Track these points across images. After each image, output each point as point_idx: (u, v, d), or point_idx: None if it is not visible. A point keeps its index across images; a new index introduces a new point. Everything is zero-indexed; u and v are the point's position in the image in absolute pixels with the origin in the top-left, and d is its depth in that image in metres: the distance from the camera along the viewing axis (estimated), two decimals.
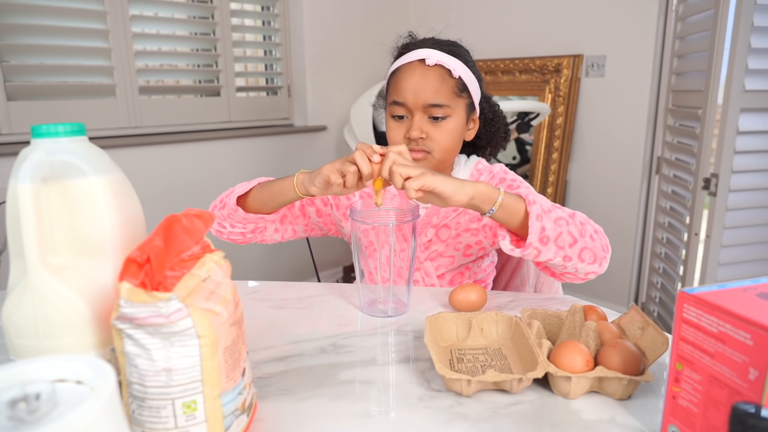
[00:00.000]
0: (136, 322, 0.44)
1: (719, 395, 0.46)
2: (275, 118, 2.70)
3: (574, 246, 0.82)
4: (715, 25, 1.78)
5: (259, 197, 0.96)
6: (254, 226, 0.99)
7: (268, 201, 0.96)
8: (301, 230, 1.08)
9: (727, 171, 1.81)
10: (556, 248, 0.80)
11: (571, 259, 0.82)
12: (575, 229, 0.82)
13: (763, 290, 0.49)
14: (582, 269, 0.85)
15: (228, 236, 1.02)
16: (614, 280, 2.55)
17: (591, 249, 0.83)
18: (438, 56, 0.95)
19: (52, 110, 1.97)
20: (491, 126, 1.08)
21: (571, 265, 0.83)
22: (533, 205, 0.79)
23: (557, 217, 0.81)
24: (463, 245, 1.03)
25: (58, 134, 0.51)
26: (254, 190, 0.97)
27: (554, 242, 0.80)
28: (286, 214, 1.04)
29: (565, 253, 0.81)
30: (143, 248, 0.46)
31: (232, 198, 0.96)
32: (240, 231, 1.00)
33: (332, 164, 0.83)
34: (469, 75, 0.97)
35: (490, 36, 2.78)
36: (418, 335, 0.79)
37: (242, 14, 2.51)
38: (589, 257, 0.84)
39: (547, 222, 0.79)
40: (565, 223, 0.81)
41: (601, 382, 0.62)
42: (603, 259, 0.86)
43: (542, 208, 0.80)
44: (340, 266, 2.96)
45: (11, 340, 0.50)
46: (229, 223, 0.98)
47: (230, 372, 0.50)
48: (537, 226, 0.79)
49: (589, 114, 2.53)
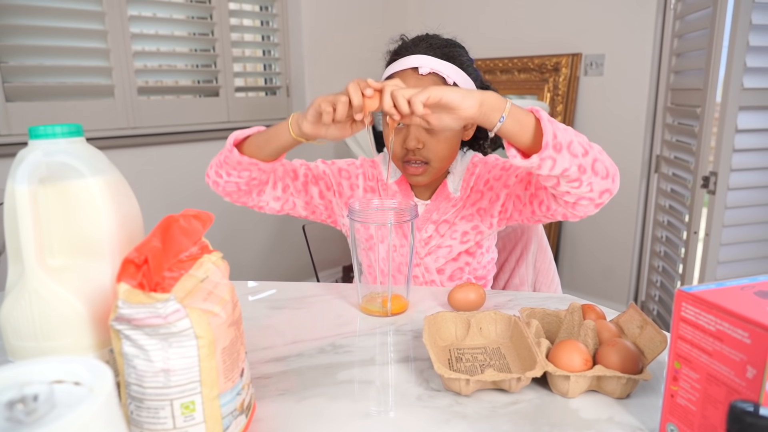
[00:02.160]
0: (134, 323, 0.44)
1: (717, 394, 0.47)
2: (274, 118, 2.69)
3: (587, 156, 0.79)
4: (714, 24, 1.78)
5: (256, 141, 0.92)
6: (248, 175, 0.94)
7: (263, 145, 0.91)
8: (302, 206, 1.06)
9: (726, 169, 1.81)
10: (570, 155, 0.77)
11: (586, 171, 0.79)
12: (584, 141, 0.80)
13: (761, 288, 0.49)
14: (597, 185, 0.81)
15: (224, 187, 0.97)
16: (614, 279, 2.55)
17: (602, 161, 0.81)
18: (431, 63, 0.93)
19: (51, 111, 1.96)
20: None
21: (585, 178, 0.80)
22: (541, 112, 0.77)
23: (564, 127, 0.78)
24: (459, 233, 1.03)
25: (56, 135, 0.51)
26: (252, 136, 0.93)
27: (567, 149, 0.77)
28: (288, 184, 1.02)
29: (579, 162, 0.78)
30: (141, 249, 0.46)
31: (229, 140, 0.92)
32: (235, 180, 0.95)
33: (323, 96, 0.81)
34: (463, 78, 0.96)
35: (488, 35, 2.78)
36: (417, 335, 0.79)
37: (241, 14, 2.51)
38: (602, 170, 0.81)
39: (558, 129, 0.76)
40: (574, 134, 0.79)
41: (599, 381, 0.62)
42: (614, 174, 0.83)
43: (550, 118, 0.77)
44: (339, 266, 2.96)
45: (9, 342, 0.50)
46: (224, 170, 0.94)
47: (228, 372, 0.50)
48: (549, 129, 0.75)
49: (588, 113, 2.53)
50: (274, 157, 0.93)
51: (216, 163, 0.96)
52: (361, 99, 0.78)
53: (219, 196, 1.02)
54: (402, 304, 0.88)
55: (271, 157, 0.92)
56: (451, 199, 1.03)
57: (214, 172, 0.97)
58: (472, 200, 1.03)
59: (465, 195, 1.03)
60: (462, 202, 1.03)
